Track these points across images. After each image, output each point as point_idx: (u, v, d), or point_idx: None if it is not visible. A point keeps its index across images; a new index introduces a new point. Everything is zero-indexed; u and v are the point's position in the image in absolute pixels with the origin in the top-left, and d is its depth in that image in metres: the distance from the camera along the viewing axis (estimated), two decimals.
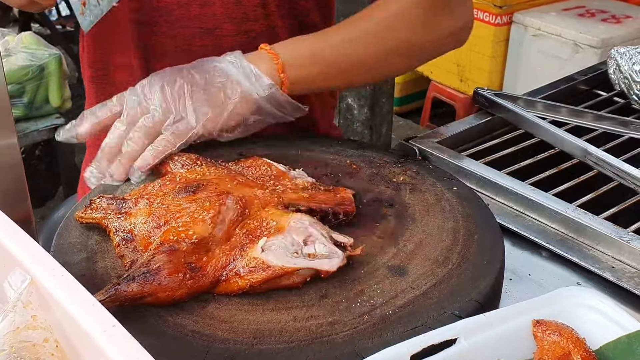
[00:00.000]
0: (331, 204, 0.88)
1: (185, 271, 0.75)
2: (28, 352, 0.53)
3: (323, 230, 0.80)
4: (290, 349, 0.70)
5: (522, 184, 1.04)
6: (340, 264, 0.77)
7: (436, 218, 0.92)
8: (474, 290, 0.79)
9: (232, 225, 0.81)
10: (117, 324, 0.52)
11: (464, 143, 1.20)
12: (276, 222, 0.80)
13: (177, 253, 0.77)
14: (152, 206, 0.85)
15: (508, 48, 3.59)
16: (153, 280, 0.74)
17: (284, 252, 0.76)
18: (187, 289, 0.75)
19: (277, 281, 0.76)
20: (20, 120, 2.63)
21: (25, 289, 0.56)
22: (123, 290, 0.72)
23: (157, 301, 0.74)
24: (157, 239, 0.80)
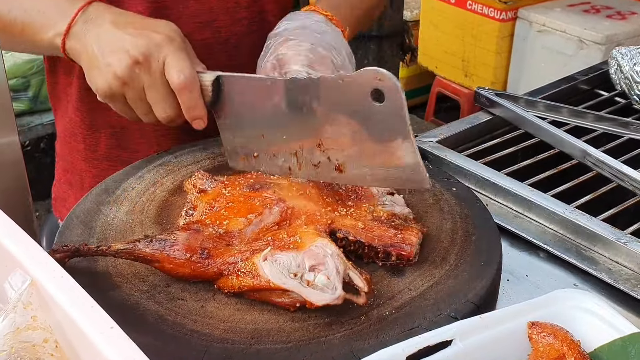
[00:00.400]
0: (384, 242, 0.82)
1: (196, 254, 0.78)
2: (28, 353, 0.54)
3: (340, 265, 0.75)
4: (288, 349, 0.71)
5: (521, 185, 1.04)
6: (331, 302, 0.72)
7: (434, 219, 0.93)
8: (470, 292, 0.80)
9: (266, 230, 0.82)
10: (115, 326, 0.53)
11: (464, 143, 1.21)
12: (301, 239, 0.78)
13: (198, 235, 0.80)
14: (222, 191, 0.88)
15: (513, 44, 3.58)
16: (164, 249, 0.78)
17: (281, 269, 0.75)
18: (190, 270, 0.78)
19: (267, 295, 0.76)
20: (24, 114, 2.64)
21: (26, 290, 0.57)
22: (139, 248, 0.78)
23: (162, 269, 0.79)
24: (201, 217, 0.85)
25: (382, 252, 0.81)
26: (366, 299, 0.73)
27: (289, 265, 0.75)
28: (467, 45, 3.75)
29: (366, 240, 0.82)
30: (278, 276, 0.74)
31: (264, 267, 0.74)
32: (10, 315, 0.56)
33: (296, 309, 0.75)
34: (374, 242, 0.82)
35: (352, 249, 0.83)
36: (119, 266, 0.83)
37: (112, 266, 0.83)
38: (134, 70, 0.90)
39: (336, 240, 0.81)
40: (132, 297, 0.78)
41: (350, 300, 0.73)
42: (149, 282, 0.80)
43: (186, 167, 1.03)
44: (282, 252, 0.76)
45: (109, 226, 0.90)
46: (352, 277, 0.74)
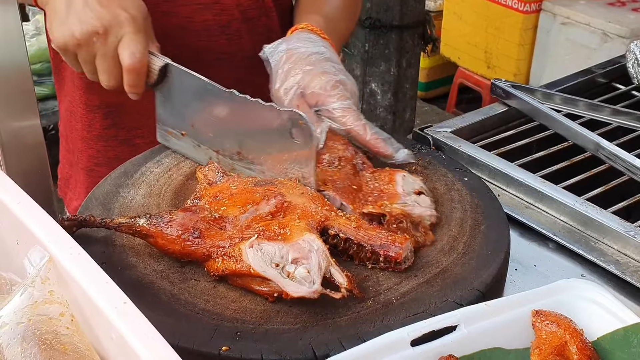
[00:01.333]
0: (372, 242, 0.82)
1: (188, 233, 0.81)
2: (44, 325, 0.56)
3: (324, 261, 0.76)
4: (295, 329, 0.73)
5: (532, 176, 1.05)
6: (306, 295, 0.73)
7: (445, 208, 0.94)
8: (476, 280, 0.81)
9: (259, 219, 0.84)
10: (128, 301, 0.55)
11: (479, 134, 1.22)
12: (290, 232, 0.80)
13: (193, 216, 0.83)
14: (229, 185, 0.91)
15: (536, 36, 3.56)
16: (159, 225, 0.82)
17: (264, 257, 0.76)
18: (180, 247, 0.81)
19: (248, 281, 0.77)
20: (49, 98, 2.68)
21: (44, 266, 0.60)
22: (137, 223, 0.82)
23: (156, 245, 0.82)
24: (201, 202, 0.88)
25: (369, 252, 0.82)
26: (345, 294, 0.74)
27: (273, 255, 0.77)
28: (490, 36, 3.74)
29: (356, 239, 0.82)
30: (260, 264, 0.75)
31: (249, 253, 0.76)
32: (28, 289, 0.59)
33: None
34: (362, 241, 0.82)
35: (343, 248, 0.83)
36: (136, 247, 0.85)
37: (129, 247, 0.85)
38: (91, 37, 0.94)
39: (328, 237, 0.83)
40: (147, 277, 0.81)
41: (327, 295, 0.74)
42: (163, 262, 0.83)
43: None
44: (269, 241, 0.78)
45: (127, 208, 0.92)
46: (333, 273, 0.76)
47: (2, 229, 0.69)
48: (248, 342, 0.72)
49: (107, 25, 0.94)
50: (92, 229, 0.86)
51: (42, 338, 0.56)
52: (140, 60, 0.95)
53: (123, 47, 0.95)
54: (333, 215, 0.85)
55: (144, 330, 0.52)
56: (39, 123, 0.76)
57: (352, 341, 0.72)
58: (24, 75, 0.72)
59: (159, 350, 0.51)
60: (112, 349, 0.56)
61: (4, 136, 0.74)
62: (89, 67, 0.98)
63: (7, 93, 0.73)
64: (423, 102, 4.34)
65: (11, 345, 0.55)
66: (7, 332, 0.56)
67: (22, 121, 0.74)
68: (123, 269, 0.82)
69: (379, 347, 0.69)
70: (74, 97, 1.25)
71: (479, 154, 1.11)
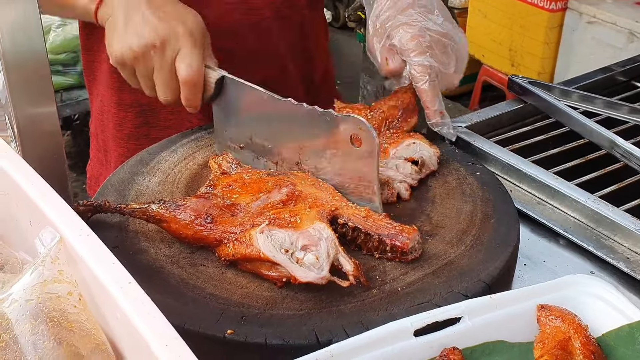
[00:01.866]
0: (380, 231, 0.83)
1: (201, 218, 0.83)
2: (52, 303, 0.58)
3: (332, 249, 0.77)
4: (300, 315, 0.75)
5: (545, 172, 1.05)
6: (314, 280, 0.75)
7: (455, 201, 0.95)
8: (483, 272, 0.82)
9: (271, 206, 0.85)
10: (132, 282, 0.56)
11: (494, 129, 1.22)
12: (301, 220, 0.81)
13: (206, 202, 0.85)
14: (244, 173, 0.93)
15: (562, 34, 3.53)
16: (172, 210, 0.84)
17: (274, 243, 0.77)
18: (193, 232, 0.83)
19: (258, 266, 0.79)
20: (73, 88, 2.73)
21: (54, 246, 0.62)
22: (151, 208, 0.84)
23: (169, 229, 0.84)
24: (215, 190, 0.89)
25: (376, 241, 0.82)
26: (353, 281, 0.75)
27: (283, 241, 0.78)
28: (515, 34, 3.72)
29: (364, 228, 0.83)
30: (269, 249, 0.77)
31: (259, 239, 0.78)
32: (39, 268, 0.60)
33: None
34: (370, 230, 0.83)
35: (352, 237, 0.84)
36: (148, 232, 0.87)
37: (141, 232, 0.87)
38: (149, 50, 0.95)
39: (337, 226, 0.84)
40: (158, 261, 0.83)
41: (335, 282, 0.75)
42: (174, 248, 0.85)
43: None
44: (279, 228, 0.79)
45: (141, 195, 0.94)
46: (341, 261, 0.77)
47: (17, 210, 0.71)
48: (253, 327, 0.73)
49: (165, 39, 0.95)
50: (106, 215, 0.88)
51: (49, 315, 0.57)
52: (197, 72, 0.96)
53: (180, 60, 0.96)
54: (343, 205, 0.86)
55: (146, 310, 0.54)
56: (56, 110, 0.78)
57: (356, 329, 0.73)
58: (41, 63, 0.74)
59: (161, 329, 0.52)
60: (117, 328, 0.57)
61: (21, 122, 0.76)
62: (147, 81, 0.99)
63: (25, 80, 0.74)
64: (446, 99, 4.32)
65: (20, 321, 0.57)
66: (16, 308, 0.58)
67: (39, 108, 0.76)
68: (135, 253, 0.84)
69: (382, 335, 0.70)
70: (105, 97, 1.27)
71: (493, 149, 1.11)
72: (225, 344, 0.72)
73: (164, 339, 0.51)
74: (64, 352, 0.56)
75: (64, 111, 2.72)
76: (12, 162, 0.71)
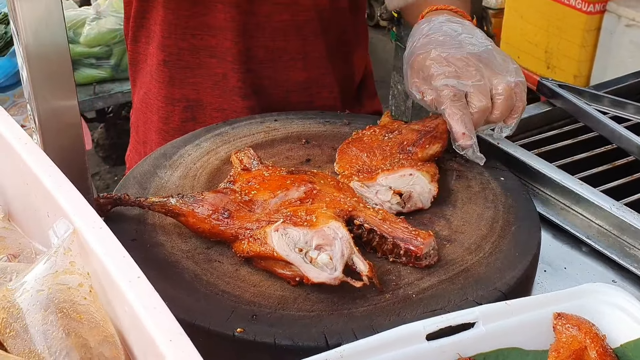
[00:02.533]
0: (395, 234, 0.82)
1: (218, 213, 0.83)
2: (63, 294, 0.58)
3: (347, 249, 0.77)
4: (310, 317, 0.74)
5: (571, 178, 1.03)
6: (327, 281, 0.75)
7: (477, 206, 0.93)
8: (499, 281, 0.81)
9: (288, 204, 0.85)
10: (141, 276, 0.57)
11: (521, 132, 1.20)
12: (317, 219, 0.80)
13: (224, 197, 0.85)
14: (264, 170, 0.93)
15: (599, 37, 3.47)
16: (190, 204, 0.84)
17: (288, 242, 0.77)
18: (210, 227, 0.83)
19: (272, 264, 0.78)
20: (106, 82, 2.76)
21: (68, 238, 0.62)
22: (170, 202, 0.85)
23: (186, 223, 0.85)
24: (234, 186, 0.90)
25: (391, 244, 0.81)
26: (366, 282, 0.74)
27: (298, 240, 0.77)
28: (551, 36, 3.66)
29: (379, 230, 0.82)
30: (283, 247, 0.77)
31: (273, 236, 0.77)
32: (51, 259, 0.61)
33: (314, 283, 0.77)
34: (385, 233, 0.82)
35: (367, 239, 0.83)
36: (166, 226, 0.87)
37: (159, 226, 0.88)
38: None
39: (354, 227, 0.83)
40: (173, 256, 0.83)
41: (347, 283, 0.74)
42: (190, 243, 0.85)
43: (241, 138, 1.07)
44: (295, 226, 0.79)
45: (162, 188, 0.95)
46: (355, 261, 0.76)
47: (36, 201, 0.72)
48: (263, 326, 0.73)
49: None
50: (126, 207, 0.89)
51: (59, 306, 0.58)
52: None
53: None
54: (361, 206, 0.86)
55: (153, 304, 0.54)
56: (77, 104, 0.78)
57: (366, 332, 0.72)
58: (63, 57, 0.74)
59: (167, 324, 0.52)
60: (125, 321, 0.58)
61: (42, 115, 0.77)
62: None
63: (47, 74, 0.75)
64: None
65: (30, 311, 0.58)
66: (27, 298, 0.58)
67: (60, 101, 0.77)
68: (152, 246, 0.85)
69: (394, 338, 0.69)
70: (150, 89, 1.28)
71: (518, 152, 1.10)
72: (235, 342, 0.73)
73: (169, 334, 0.51)
74: (72, 342, 0.56)
75: (97, 104, 2.75)
76: (32, 154, 0.72)
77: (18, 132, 0.76)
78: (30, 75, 0.74)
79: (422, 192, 0.92)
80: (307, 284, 0.76)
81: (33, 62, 0.73)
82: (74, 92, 0.77)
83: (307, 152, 1.04)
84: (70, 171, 0.77)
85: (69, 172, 0.76)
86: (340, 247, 0.77)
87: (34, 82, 0.75)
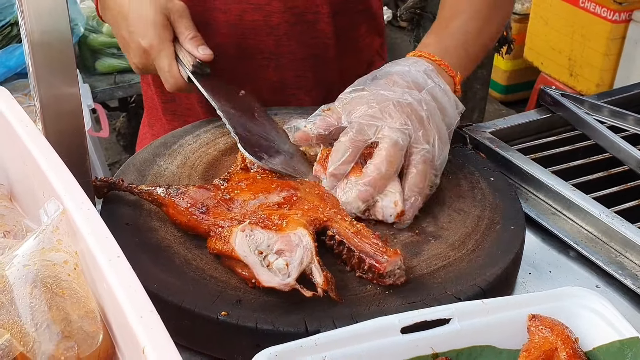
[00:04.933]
0: (363, 249, 0.81)
1: (196, 207, 0.86)
2: (47, 270, 0.62)
3: (307, 258, 0.77)
4: (292, 304, 0.77)
5: (563, 183, 1.04)
6: (277, 286, 0.75)
7: (465, 205, 0.95)
8: (479, 277, 0.82)
9: (265, 207, 0.87)
10: (121, 255, 0.60)
11: (520, 137, 1.21)
12: (286, 224, 0.81)
13: (205, 193, 0.88)
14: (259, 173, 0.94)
15: (623, 46, 3.45)
16: (173, 196, 0.87)
17: (249, 243, 0.78)
18: (186, 220, 0.86)
19: (234, 264, 0.80)
20: (127, 72, 2.81)
21: (57, 217, 0.65)
22: (156, 191, 0.88)
23: (167, 213, 0.88)
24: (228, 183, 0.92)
25: (357, 258, 0.81)
26: (320, 294, 0.75)
27: (261, 242, 0.78)
28: (575, 43, 3.65)
29: (348, 243, 0.82)
30: (243, 248, 0.78)
31: (237, 237, 0.79)
32: (40, 236, 0.64)
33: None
34: (353, 246, 0.82)
35: (338, 252, 0.84)
36: (161, 213, 0.90)
37: (154, 212, 0.91)
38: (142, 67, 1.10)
39: (326, 237, 0.84)
40: (166, 241, 0.86)
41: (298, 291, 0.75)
42: (183, 230, 0.88)
43: None
44: (262, 229, 0.80)
45: (160, 176, 0.98)
46: (313, 271, 0.76)
47: (34, 182, 0.76)
48: (246, 311, 0.76)
49: (140, 62, 1.09)
50: (124, 193, 0.92)
51: (44, 281, 0.61)
52: (174, 83, 1.08)
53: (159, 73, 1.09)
54: (338, 218, 0.86)
55: (129, 283, 0.57)
56: (78, 91, 0.82)
57: (345, 321, 0.75)
58: (66, 45, 0.78)
59: (139, 302, 0.55)
60: (105, 298, 0.61)
61: (44, 100, 0.81)
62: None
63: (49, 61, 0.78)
64: (501, 105, 4.27)
65: (16, 284, 0.61)
66: (14, 272, 0.61)
67: (62, 88, 0.80)
68: (146, 231, 0.88)
69: (369, 330, 0.72)
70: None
71: (514, 156, 1.11)
72: (219, 325, 0.75)
73: (140, 311, 0.54)
74: (54, 315, 0.59)
75: (117, 93, 2.80)
76: (32, 136, 0.76)
77: (20, 115, 0.79)
78: (34, 63, 0.78)
79: (388, 206, 0.89)
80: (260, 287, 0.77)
81: (36, 49, 0.77)
82: (75, 80, 0.80)
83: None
84: (70, 155, 0.81)
85: (69, 156, 0.79)
86: (301, 255, 0.77)
87: (37, 69, 0.78)
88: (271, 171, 0.95)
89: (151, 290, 0.77)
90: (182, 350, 0.78)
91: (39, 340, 0.58)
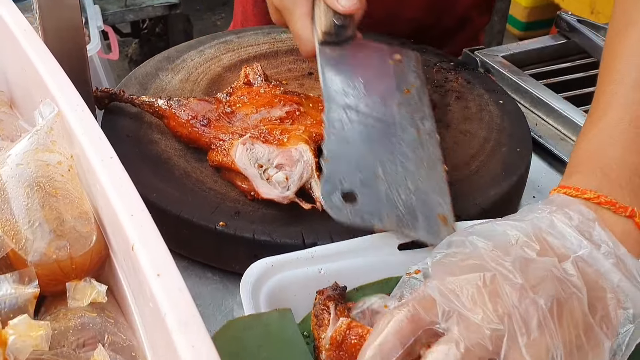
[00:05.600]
0: None
1: (197, 119, 0.85)
2: (40, 170, 0.61)
3: (307, 173, 0.77)
4: (290, 216, 0.76)
5: (574, 108, 1.02)
6: (276, 198, 0.74)
7: (471, 127, 0.94)
8: (481, 197, 0.81)
9: (267, 121, 0.85)
10: (114, 156, 0.59)
11: (532, 63, 1.18)
12: (287, 139, 0.80)
13: (207, 105, 0.87)
14: (263, 87, 0.92)
15: None
16: (174, 108, 0.86)
17: (249, 156, 0.77)
18: (187, 132, 0.85)
19: (234, 176, 0.79)
20: None
21: (52, 118, 0.64)
22: (157, 103, 0.87)
23: (168, 125, 0.87)
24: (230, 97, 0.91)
25: None
26: (318, 207, 0.74)
27: (261, 156, 0.78)
28: None
29: None
30: (243, 161, 0.77)
31: (238, 149, 0.78)
32: (34, 137, 0.63)
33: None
34: None
35: None
36: (162, 125, 0.89)
37: (155, 124, 0.90)
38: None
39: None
40: (166, 153, 0.85)
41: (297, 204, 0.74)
42: (183, 143, 0.87)
43: (246, 47, 1.07)
44: (263, 143, 0.79)
45: (162, 90, 0.97)
46: (313, 186, 0.76)
47: (32, 86, 0.75)
48: (244, 222, 0.76)
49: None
50: (126, 105, 0.91)
51: (37, 180, 0.60)
52: (307, 49, 0.90)
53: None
54: None
55: (120, 183, 0.56)
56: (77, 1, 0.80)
57: (342, 236, 0.73)
58: None
59: (130, 201, 0.54)
60: (98, 199, 0.60)
61: (43, 6, 0.79)
62: None
63: None
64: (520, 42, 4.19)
65: (9, 182, 0.60)
66: (7, 171, 0.61)
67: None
68: (146, 143, 0.87)
69: (366, 244, 0.71)
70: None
71: (526, 81, 1.09)
72: (216, 235, 0.75)
73: (131, 210, 0.54)
74: (46, 214, 0.59)
75: (128, 16, 2.76)
76: (29, 40, 0.74)
77: (19, 18, 0.78)
78: None
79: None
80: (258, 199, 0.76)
81: None
82: None
83: (310, 65, 1.04)
84: (70, 64, 0.79)
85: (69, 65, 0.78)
86: (301, 170, 0.77)
87: None
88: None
89: (150, 199, 0.76)
90: (179, 259, 0.79)
91: (31, 237, 0.57)
